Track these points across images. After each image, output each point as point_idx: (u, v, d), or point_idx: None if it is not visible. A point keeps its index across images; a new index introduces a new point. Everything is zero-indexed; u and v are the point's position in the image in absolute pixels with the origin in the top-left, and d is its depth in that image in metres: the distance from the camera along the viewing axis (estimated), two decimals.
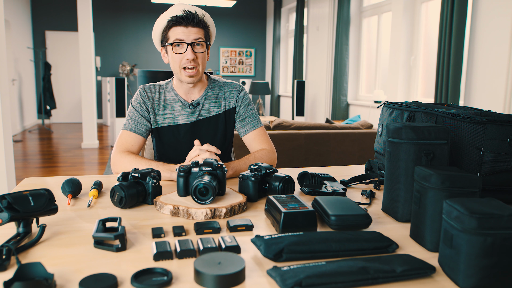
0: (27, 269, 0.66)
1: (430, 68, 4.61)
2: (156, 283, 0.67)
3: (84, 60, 6.26)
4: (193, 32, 1.46)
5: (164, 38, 1.51)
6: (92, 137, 6.55)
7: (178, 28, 1.46)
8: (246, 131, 1.63)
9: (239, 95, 1.63)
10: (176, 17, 1.45)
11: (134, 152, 1.51)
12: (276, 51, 8.83)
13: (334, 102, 6.19)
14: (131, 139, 1.52)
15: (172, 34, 1.47)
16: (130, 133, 1.53)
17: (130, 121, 1.55)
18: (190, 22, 1.45)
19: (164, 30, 1.50)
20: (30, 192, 0.85)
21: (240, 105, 1.63)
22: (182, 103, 1.58)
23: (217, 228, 0.91)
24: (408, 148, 0.98)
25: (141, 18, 9.54)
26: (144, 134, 1.55)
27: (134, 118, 1.55)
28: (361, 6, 6.05)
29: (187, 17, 1.45)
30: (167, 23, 1.47)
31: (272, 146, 1.63)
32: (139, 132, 1.54)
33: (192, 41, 1.46)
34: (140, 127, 1.54)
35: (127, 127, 1.54)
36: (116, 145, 1.52)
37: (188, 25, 1.45)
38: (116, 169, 1.47)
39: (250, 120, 1.63)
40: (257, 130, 1.63)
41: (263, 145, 1.61)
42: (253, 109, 1.66)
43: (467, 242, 0.67)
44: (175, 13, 1.46)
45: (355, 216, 0.92)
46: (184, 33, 1.45)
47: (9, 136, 3.21)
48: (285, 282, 0.65)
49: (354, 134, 3.37)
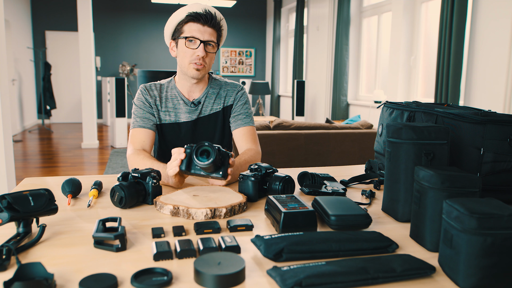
0: (27, 269, 0.66)
1: (430, 68, 4.61)
2: (156, 283, 0.67)
3: (84, 60, 6.26)
4: (208, 32, 1.48)
5: (177, 31, 1.52)
6: (92, 137, 6.55)
7: (195, 24, 1.48)
8: (237, 126, 1.63)
9: (237, 93, 1.65)
10: (196, 13, 1.47)
11: (148, 147, 1.52)
12: (276, 51, 8.83)
13: (334, 102, 6.20)
14: (143, 135, 1.53)
15: (188, 29, 1.48)
16: (140, 129, 1.54)
17: (137, 119, 1.56)
18: (208, 21, 1.47)
19: (180, 23, 1.51)
20: (30, 192, 0.85)
21: (237, 103, 1.65)
22: (184, 101, 1.60)
23: (217, 228, 0.91)
24: (408, 148, 0.98)
25: (141, 18, 9.55)
26: (153, 128, 1.57)
27: (141, 115, 1.56)
28: (361, 6, 6.05)
29: (206, 16, 1.47)
30: (185, 17, 1.49)
31: (259, 147, 1.63)
32: (148, 126, 1.55)
33: (206, 40, 1.48)
34: (148, 122, 1.56)
35: (135, 125, 1.55)
36: (129, 145, 1.52)
37: (205, 24, 1.47)
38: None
39: (243, 117, 1.64)
40: (248, 127, 1.63)
41: (250, 144, 1.60)
42: (249, 108, 1.67)
43: (467, 242, 0.67)
44: (196, 10, 1.48)
45: (355, 216, 0.92)
46: (200, 30, 1.47)
47: (9, 136, 3.21)
48: (285, 282, 0.65)
49: (354, 134, 3.37)
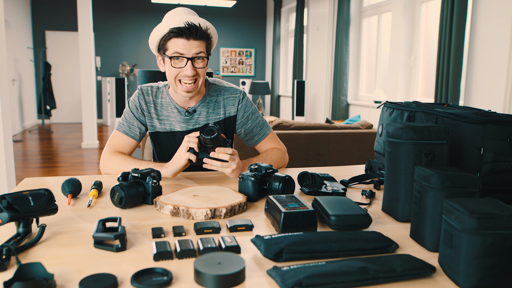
0: (27, 269, 0.66)
1: (430, 68, 4.61)
2: (156, 283, 0.67)
3: (84, 60, 6.26)
4: (194, 46, 1.37)
5: (162, 47, 1.42)
6: (92, 137, 6.55)
7: (179, 40, 1.36)
8: (257, 141, 1.59)
9: (240, 102, 1.56)
10: (178, 29, 1.35)
11: (124, 153, 1.47)
12: (276, 51, 8.83)
13: (334, 102, 6.19)
14: (123, 141, 1.49)
15: (172, 46, 1.37)
16: (123, 135, 1.50)
17: (125, 123, 1.51)
18: (192, 35, 1.35)
19: (162, 38, 1.40)
20: (30, 192, 0.85)
21: (243, 115, 1.57)
22: (178, 110, 1.52)
23: (217, 228, 0.91)
24: (408, 148, 0.98)
25: (141, 18, 9.54)
26: (137, 137, 1.51)
27: (129, 120, 1.52)
28: (361, 6, 6.05)
29: (189, 30, 1.35)
30: (167, 33, 1.37)
31: (284, 147, 1.61)
32: (131, 135, 1.50)
33: (193, 56, 1.38)
34: (133, 129, 1.51)
35: (120, 128, 1.51)
36: (107, 145, 1.49)
37: (190, 38, 1.36)
38: (104, 170, 1.44)
39: (258, 130, 1.59)
40: (267, 137, 1.60)
41: (274, 146, 1.60)
42: (258, 116, 1.60)
43: (467, 242, 0.67)
44: (177, 25, 1.35)
45: (355, 216, 0.92)
46: (185, 46, 1.36)
47: (9, 136, 3.21)
48: (285, 282, 0.65)
49: (354, 134, 3.37)
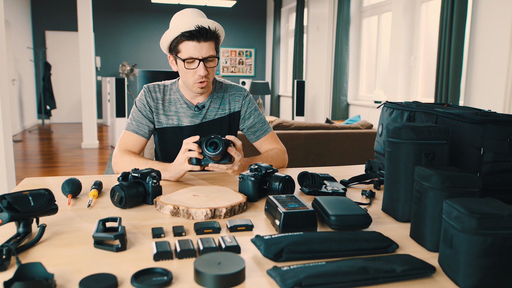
0: (27, 269, 0.66)
1: (430, 68, 4.61)
2: (156, 283, 0.67)
3: (84, 60, 6.26)
4: (205, 47, 1.45)
5: (174, 48, 1.49)
6: (92, 137, 6.55)
7: (190, 42, 1.44)
8: (257, 137, 1.66)
9: (244, 99, 1.65)
10: (189, 32, 1.42)
11: (135, 153, 1.52)
12: (276, 51, 8.83)
13: (334, 102, 6.19)
14: (133, 140, 1.54)
15: (184, 49, 1.45)
16: (132, 134, 1.55)
17: (133, 122, 1.56)
18: (202, 37, 1.43)
19: (174, 40, 1.48)
20: (30, 192, 0.85)
21: (246, 110, 1.65)
22: (188, 105, 1.59)
23: (217, 228, 0.91)
24: (408, 148, 0.98)
25: (141, 18, 9.54)
26: (146, 135, 1.56)
27: (137, 119, 1.56)
28: (361, 6, 6.05)
29: (200, 32, 1.43)
30: (179, 36, 1.45)
31: (283, 146, 1.67)
32: (141, 133, 1.55)
33: (205, 57, 1.45)
34: (142, 128, 1.56)
35: (129, 128, 1.55)
36: (117, 145, 1.54)
37: (201, 40, 1.43)
38: (116, 169, 1.49)
39: (260, 126, 1.66)
40: (267, 135, 1.67)
41: (274, 146, 1.66)
42: (260, 114, 1.68)
43: (467, 242, 0.67)
44: (188, 28, 1.43)
45: (355, 216, 0.92)
46: (196, 48, 1.44)
47: (9, 136, 3.21)
48: (285, 282, 0.65)
49: (354, 134, 3.37)
